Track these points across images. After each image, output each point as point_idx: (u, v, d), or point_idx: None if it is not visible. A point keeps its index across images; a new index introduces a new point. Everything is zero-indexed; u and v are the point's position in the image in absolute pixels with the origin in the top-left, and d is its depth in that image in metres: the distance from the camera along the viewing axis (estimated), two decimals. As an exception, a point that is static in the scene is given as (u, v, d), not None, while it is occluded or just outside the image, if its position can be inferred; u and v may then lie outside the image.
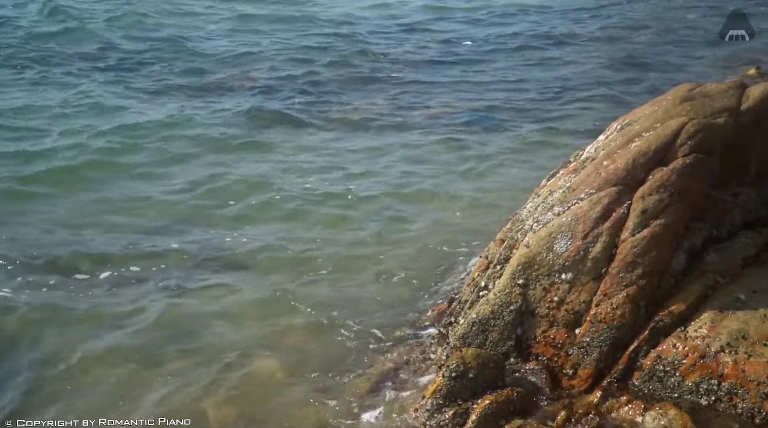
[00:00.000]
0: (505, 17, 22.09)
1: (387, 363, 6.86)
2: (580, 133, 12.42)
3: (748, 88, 6.82)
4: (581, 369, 5.89)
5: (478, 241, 8.78)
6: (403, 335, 7.31)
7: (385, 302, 7.95)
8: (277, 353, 7.18)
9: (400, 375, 6.61)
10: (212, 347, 7.33)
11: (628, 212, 5.98)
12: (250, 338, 7.49)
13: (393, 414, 6.09)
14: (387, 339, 7.28)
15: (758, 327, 5.53)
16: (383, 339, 7.29)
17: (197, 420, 6.29)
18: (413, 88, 15.86)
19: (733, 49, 17.54)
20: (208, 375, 6.85)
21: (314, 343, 7.33)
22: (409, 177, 11.27)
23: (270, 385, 6.75)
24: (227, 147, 12.69)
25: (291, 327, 7.61)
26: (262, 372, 6.92)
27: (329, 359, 7.05)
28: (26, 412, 6.47)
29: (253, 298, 8.19)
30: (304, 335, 7.46)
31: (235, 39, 20.36)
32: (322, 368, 6.90)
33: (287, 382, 6.74)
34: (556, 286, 6.03)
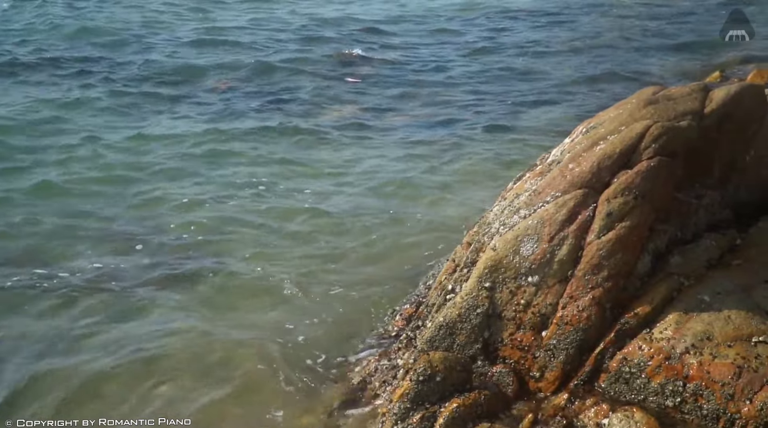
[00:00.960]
0: (467, 24, 22.12)
1: (356, 369, 6.84)
2: (546, 136, 12.46)
3: (711, 92, 6.87)
4: (548, 372, 5.90)
5: (443, 245, 8.79)
6: (371, 341, 7.28)
7: (352, 309, 7.92)
8: (244, 363, 7.13)
9: (370, 382, 6.59)
10: (185, 355, 7.29)
11: (593, 215, 6.00)
12: (218, 346, 7.43)
13: (362, 421, 6.08)
14: (356, 346, 7.26)
15: (722, 329, 5.56)
16: (352, 347, 7.27)
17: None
18: (378, 95, 15.83)
19: (696, 54, 17.69)
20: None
21: (281, 352, 7.27)
22: (375, 184, 11.24)
23: (238, 396, 6.69)
24: (189, 157, 12.52)
25: (258, 335, 7.56)
26: (232, 385, 6.86)
27: (296, 367, 7.01)
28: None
29: (220, 303, 8.14)
30: (270, 344, 7.40)
31: (201, 44, 20.20)
32: (290, 377, 6.86)
33: (255, 393, 6.69)
34: (522, 289, 6.04)
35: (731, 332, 5.54)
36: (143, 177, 11.48)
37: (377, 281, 8.41)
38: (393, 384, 6.36)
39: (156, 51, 19.20)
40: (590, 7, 22.86)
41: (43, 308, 8.03)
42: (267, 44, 19.91)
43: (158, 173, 11.64)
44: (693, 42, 18.71)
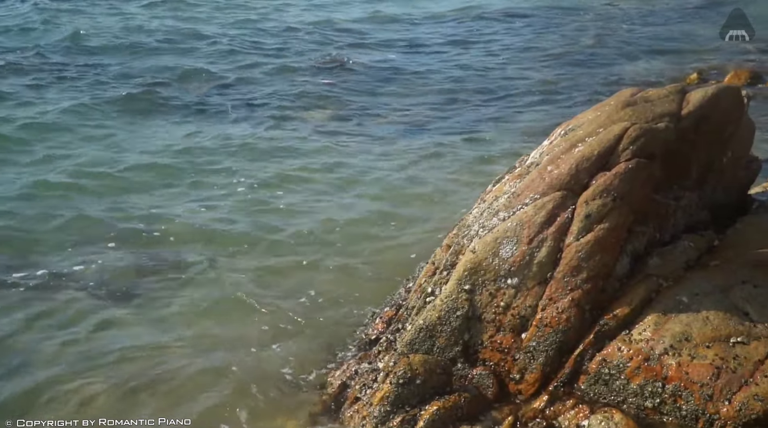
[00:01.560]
0: (446, 29, 22.12)
1: (336, 373, 6.81)
2: (525, 138, 12.49)
3: (688, 93, 6.91)
4: (528, 374, 5.91)
5: (423, 248, 8.79)
6: (352, 345, 7.27)
7: (332, 313, 7.91)
8: (224, 370, 7.09)
9: (350, 385, 6.57)
10: (163, 364, 7.26)
11: (572, 217, 6.02)
12: (196, 352, 7.41)
13: (343, 425, 6.06)
14: (336, 350, 7.24)
15: (701, 329, 5.59)
16: (332, 351, 7.25)
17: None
18: (357, 99, 15.79)
19: (675, 57, 17.78)
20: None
21: (260, 357, 7.25)
22: (353, 188, 11.21)
23: (218, 404, 6.65)
24: (162, 164, 12.35)
25: (236, 341, 7.53)
26: (213, 390, 6.83)
27: (276, 372, 6.99)
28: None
29: (196, 308, 8.11)
30: (249, 349, 7.37)
31: (177, 49, 20.10)
32: (270, 382, 6.84)
33: (235, 400, 6.65)
34: (502, 291, 6.04)
35: (709, 333, 5.57)
36: (117, 184, 11.37)
37: (357, 284, 8.40)
38: (373, 388, 6.33)
39: (132, 56, 19.06)
40: (568, 11, 22.92)
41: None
42: (245, 49, 19.81)
43: (132, 179, 11.53)
44: (671, 45, 18.81)
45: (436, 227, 9.37)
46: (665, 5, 22.93)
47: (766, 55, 17.07)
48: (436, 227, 9.42)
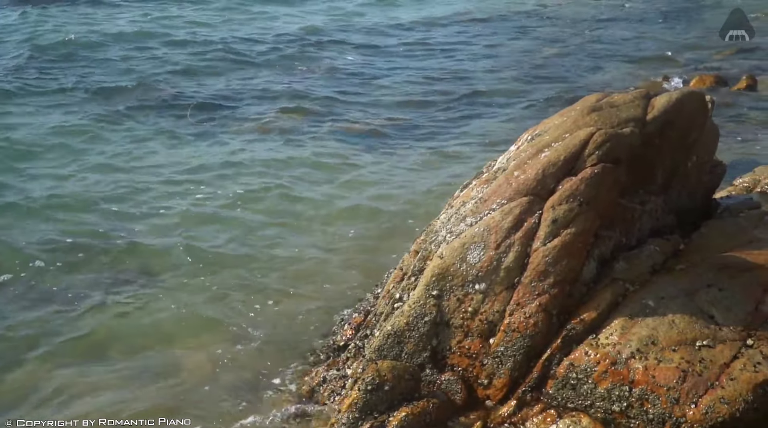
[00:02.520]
0: (411, 31, 22.16)
1: (305, 380, 6.80)
2: (493, 143, 12.53)
3: (653, 98, 6.96)
4: (496, 379, 5.92)
5: (391, 253, 8.80)
6: (320, 351, 7.24)
7: (300, 319, 7.87)
8: (189, 374, 7.05)
9: (319, 392, 6.56)
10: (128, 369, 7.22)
11: (539, 222, 6.03)
12: (164, 355, 7.38)
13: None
14: (304, 356, 7.22)
15: (667, 333, 5.62)
16: (301, 357, 7.22)
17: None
18: (323, 103, 15.76)
19: (638, 62, 17.92)
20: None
21: (227, 363, 7.21)
22: (320, 193, 11.18)
23: (184, 407, 6.61)
24: (121, 166, 12.29)
25: (203, 347, 7.49)
26: (176, 393, 6.79)
27: (244, 378, 6.96)
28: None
29: (164, 315, 8.05)
30: (217, 356, 7.33)
31: (142, 49, 19.98)
32: (238, 388, 6.81)
33: (202, 406, 6.61)
34: (470, 296, 6.04)
35: (675, 336, 5.60)
36: (80, 188, 11.28)
37: (325, 291, 8.38)
38: (342, 394, 6.33)
39: (102, 58, 18.93)
40: (535, 18, 23.05)
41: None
42: (213, 53, 19.73)
43: (93, 183, 11.44)
44: (638, 50, 18.97)
45: (403, 233, 9.35)
46: (631, 11, 23.11)
47: (730, 61, 17.24)
48: (403, 232, 9.40)
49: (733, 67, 16.57)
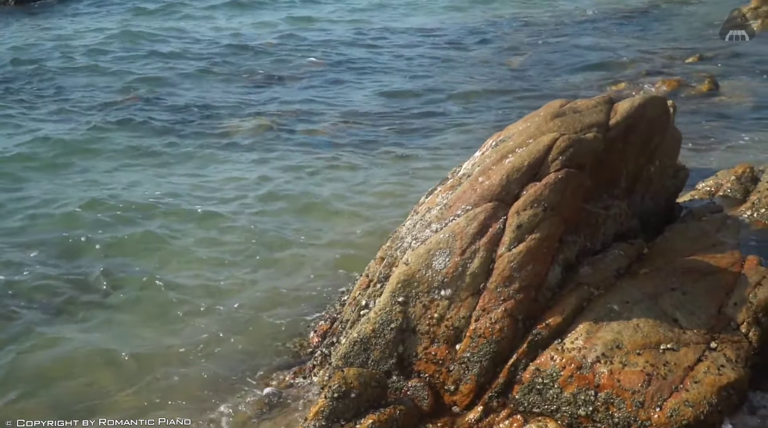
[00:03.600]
0: (377, 39, 22.07)
1: (270, 388, 6.76)
2: (458, 149, 12.54)
3: (616, 104, 7.01)
4: (462, 385, 5.92)
5: (358, 260, 8.78)
6: (286, 358, 7.22)
7: (267, 326, 7.82)
8: (152, 382, 7.00)
9: (285, 400, 6.54)
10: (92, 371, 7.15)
11: (504, 228, 6.05)
12: (128, 362, 7.31)
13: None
14: (270, 364, 7.18)
15: (631, 337, 5.66)
16: (266, 364, 7.18)
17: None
18: (291, 110, 15.71)
19: (602, 67, 18.04)
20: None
21: (193, 369, 7.16)
22: (288, 199, 11.12)
23: (151, 410, 6.59)
24: (90, 169, 12.26)
25: (168, 353, 7.44)
26: (141, 405, 6.73)
27: (210, 385, 6.91)
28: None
29: (127, 320, 8.00)
30: (182, 361, 7.29)
31: (111, 54, 19.82)
32: (203, 395, 6.76)
33: (166, 412, 6.56)
34: (435, 303, 6.04)
35: (640, 340, 5.64)
36: (44, 195, 11.17)
37: (292, 298, 8.33)
38: (308, 402, 6.31)
39: (67, 62, 18.76)
40: (499, 25, 23.11)
41: None
42: (181, 59, 19.60)
43: (63, 188, 11.34)
44: (601, 56, 19.01)
45: (370, 239, 9.34)
46: (595, 18, 23.27)
47: (693, 66, 17.41)
48: (370, 239, 9.39)
49: (695, 72, 16.69)
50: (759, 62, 17.56)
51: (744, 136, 12.83)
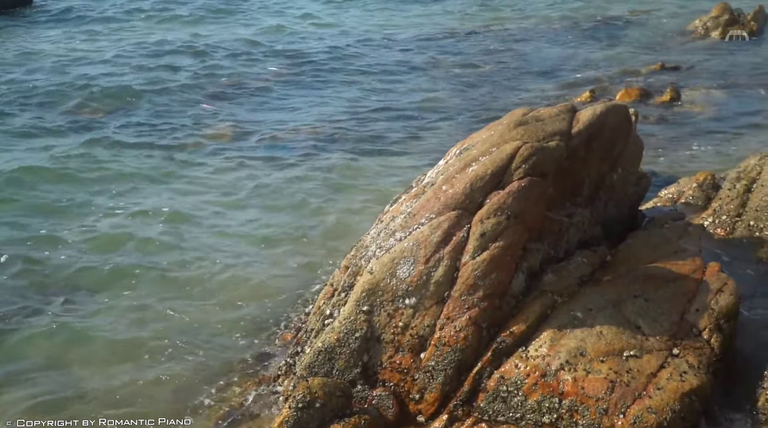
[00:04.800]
0: (340, 46, 22.08)
1: (234, 397, 6.72)
2: (423, 158, 12.56)
3: (578, 112, 7.06)
4: (427, 393, 5.91)
5: (322, 269, 8.78)
6: (250, 368, 7.17)
7: (230, 335, 7.77)
8: (113, 391, 6.92)
9: (249, 410, 6.49)
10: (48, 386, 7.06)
11: (467, 236, 6.05)
12: (86, 374, 7.24)
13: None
14: (234, 373, 7.13)
15: (595, 344, 5.68)
16: (230, 373, 7.13)
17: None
18: (251, 118, 15.66)
19: (566, 77, 18.18)
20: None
21: (154, 378, 7.09)
22: (251, 208, 11.09)
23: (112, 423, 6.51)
24: (67, 177, 12.14)
25: (128, 361, 7.37)
26: (98, 411, 6.65)
27: (172, 394, 6.85)
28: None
29: (88, 331, 7.90)
30: (143, 370, 7.21)
31: (64, 71, 19.61)
32: (163, 404, 6.69)
33: (126, 418, 6.49)
34: (400, 311, 6.03)
35: (603, 347, 5.66)
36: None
37: (255, 307, 8.27)
38: (273, 412, 6.28)
39: (17, 78, 18.59)
40: (466, 35, 23.21)
41: None
42: (136, 69, 19.45)
43: (22, 202, 11.20)
44: (565, 65, 19.19)
45: (334, 248, 9.32)
46: (559, 29, 23.46)
47: (655, 76, 17.59)
48: (334, 247, 9.37)
49: (658, 82, 16.87)
50: (720, 72, 17.82)
51: (705, 144, 12.99)
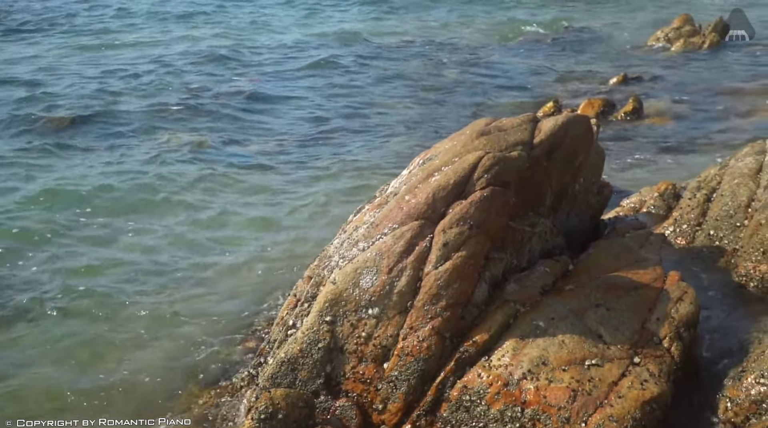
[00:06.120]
0: (306, 53, 22.10)
1: (197, 409, 6.68)
2: (388, 168, 12.58)
3: (540, 122, 7.10)
4: (391, 404, 5.90)
5: (286, 279, 8.75)
6: (213, 379, 7.13)
7: (192, 345, 7.73)
8: (70, 404, 6.88)
9: (211, 422, 6.45)
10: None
11: (430, 246, 6.06)
12: (53, 385, 7.17)
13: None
14: (196, 384, 7.09)
15: (557, 353, 5.71)
16: (192, 384, 7.09)
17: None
18: (218, 126, 15.60)
19: (530, 88, 18.31)
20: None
21: (112, 389, 7.05)
22: (215, 217, 11.04)
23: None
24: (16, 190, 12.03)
25: (86, 373, 7.32)
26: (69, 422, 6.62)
27: (132, 406, 6.80)
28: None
29: (49, 346, 7.83)
30: (99, 381, 7.16)
31: (36, 75, 19.46)
32: (123, 417, 6.64)
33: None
34: (363, 321, 6.02)
35: (565, 356, 5.69)
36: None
37: (218, 318, 8.23)
38: (236, 423, 6.24)
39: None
40: (432, 45, 23.31)
41: None
42: (109, 79, 19.34)
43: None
44: (528, 77, 19.35)
45: (299, 258, 9.30)
46: (524, 40, 23.65)
47: (618, 87, 17.77)
48: (299, 257, 9.35)
49: (620, 93, 17.05)
50: (681, 83, 18.06)
51: (667, 154, 13.14)
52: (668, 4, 28.87)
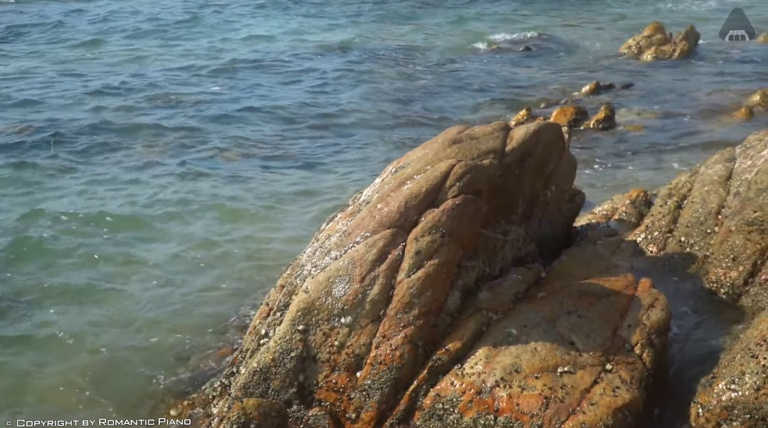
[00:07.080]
0: (280, 63, 22.12)
1: (169, 419, 6.64)
2: (359, 176, 12.58)
3: (512, 130, 7.12)
4: (364, 412, 5.88)
5: (258, 288, 8.73)
6: (185, 389, 7.09)
7: (164, 355, 7.69)
8: (48, 411, 6.84)
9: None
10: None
11: (403, 254, 6.06)
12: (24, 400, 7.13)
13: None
14: (168, 394, 7.06)
15: (530, 361, 5.71)
16: (164, 395, 7.05)
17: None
18: (190, 133, 15.56)
19: (503, 96, 18.39)
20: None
21: (85, 400, 7.00)
22: (187, 227, 11.01)
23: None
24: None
25: (60, 381, 7.27)
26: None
27: (101, 413, 6.76)
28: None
29: (26, 360, 7.77)
30: (73, 394, 7.10)
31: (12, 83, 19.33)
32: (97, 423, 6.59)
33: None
34: (336, 330, 6.01)
35: (538, 363, 5.69)
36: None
37: (189, 327, 8.19)
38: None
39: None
40: (408, 51, 23.36)
41: None
42: (67, 89, 19.20)
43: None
44: (502, 85, 19.41)
45: (270, 267, 9.27)
46: (498, 50, 23.75)
47: (590, 95, 17.88)
48: (270, 266, 9.32)
49: (593, 101, 17.16)
50: (652, 91, 18.20)
51: (638, 161, 13.25)
52: (639, 11, 29.23)
